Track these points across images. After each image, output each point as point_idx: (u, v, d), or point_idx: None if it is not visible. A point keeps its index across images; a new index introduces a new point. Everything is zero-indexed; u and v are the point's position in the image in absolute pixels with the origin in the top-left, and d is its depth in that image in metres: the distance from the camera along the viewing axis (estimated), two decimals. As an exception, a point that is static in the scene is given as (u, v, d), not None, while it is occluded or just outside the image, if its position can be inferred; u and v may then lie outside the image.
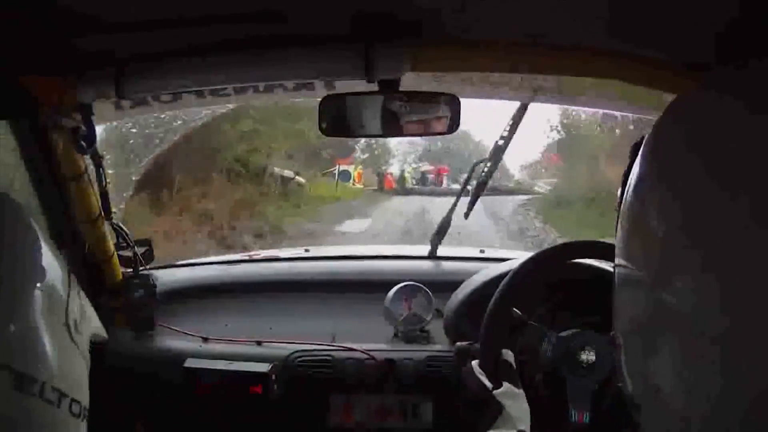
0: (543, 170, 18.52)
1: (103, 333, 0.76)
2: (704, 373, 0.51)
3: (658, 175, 0.57)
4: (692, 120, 0.57)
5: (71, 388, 0.64)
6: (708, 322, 0.50)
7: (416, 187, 18.02)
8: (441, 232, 1.96)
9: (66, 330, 0.66)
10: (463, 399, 1.36)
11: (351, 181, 15.79)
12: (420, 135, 1.27)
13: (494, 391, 1.18)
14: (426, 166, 19.53)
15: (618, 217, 0.62)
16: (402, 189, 17.20)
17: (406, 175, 18.67)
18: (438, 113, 1.21)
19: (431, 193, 15.49)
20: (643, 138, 0.63)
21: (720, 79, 0.60)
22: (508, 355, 1.26)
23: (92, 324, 0.74)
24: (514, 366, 1.24)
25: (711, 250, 0.49)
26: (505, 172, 17.04)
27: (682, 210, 0.53)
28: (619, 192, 0.69)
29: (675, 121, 0.59)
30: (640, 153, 0.60)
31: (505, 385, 1.20)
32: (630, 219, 0.59)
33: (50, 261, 0.68)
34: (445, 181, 18.78)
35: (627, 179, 0.62)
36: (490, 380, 1.22)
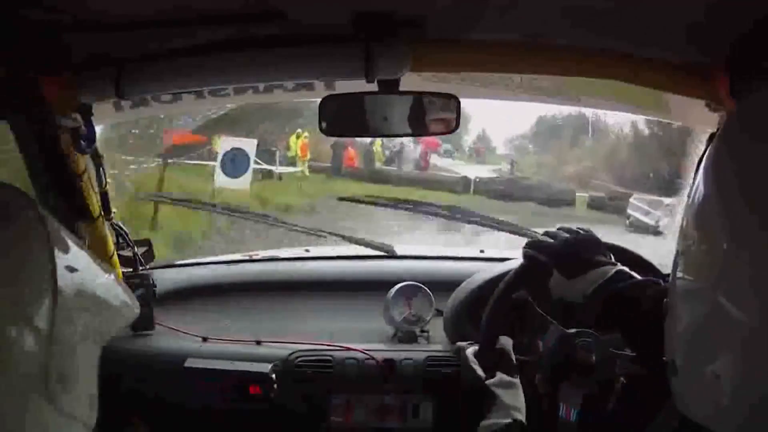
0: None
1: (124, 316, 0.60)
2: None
3: (723, 184, 0.58)
4: (758, 127, 0.58)
5: None
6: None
7: (392, 169, 12.45)
8: None
9: (45, 401, 0.49)
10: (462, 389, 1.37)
11: (285, 160, 9.97)
12: (420, 135, 1.27)
13: (488, 381, 1.18)
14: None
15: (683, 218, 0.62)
16: (369, 171, 11.74)
17: (377, 148, 12.39)
18: (438, 113, 1.21)
19: (423, 183, 11.03)
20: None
21: None
22: (507, 341, 1.25)
23: (101, 333, 0.57)
24: (512, 355, 1.23)
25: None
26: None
27: (747, 219, 0.54)
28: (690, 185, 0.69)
29: (738, 130, 0.60)
30: (703, 163, 0.60)
31: (499, 374, 1.19)
32: (693, 226, 0.60)
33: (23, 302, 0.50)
34: (434, 161, 13.52)
35: (698, 168, 0.62)
36: (483, 370, 1.22)
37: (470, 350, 1.27)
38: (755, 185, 0.54)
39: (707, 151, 0.61)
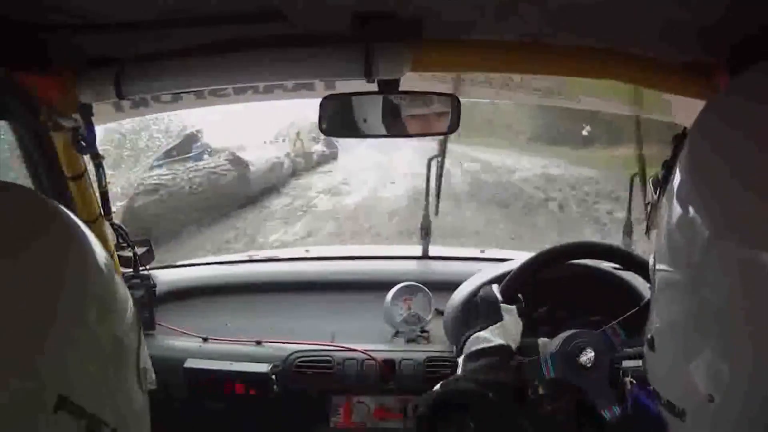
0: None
1: (153, 382, 0.73)
2: (750, 374, 0.52)
3: (700, 176, 0.58)
4: (731, 121, 0.59)
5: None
6: (750, 320, 0.51)
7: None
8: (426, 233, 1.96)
9: (136, 378, 0.64)
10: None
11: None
12: (420, 135, 1.27)
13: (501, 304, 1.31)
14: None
15: (649, 217, 0.64)
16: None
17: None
18: (438, 113, 1.21)
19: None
20: (685, 129, 0.65)
21: (755, 79, 0.61)
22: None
23: (151, 373, 0.72)
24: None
25: (754, 249, 0.51)
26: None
27: (724, 211, 0.54)
28: (652, 188, 0.71)
29: (714, 123, 0.61)
30: (680, 156, 0.61)
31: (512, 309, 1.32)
32: (671, 221, 0.60)
33: (123, 302, 0.63)
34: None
35: (669, 171, 0.63)
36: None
37: (495, 286, 1.38)
38: (730, 176, 0.55)
39: (686, 142, 0.62)
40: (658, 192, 0.72)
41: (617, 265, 1.52)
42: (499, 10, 0.96)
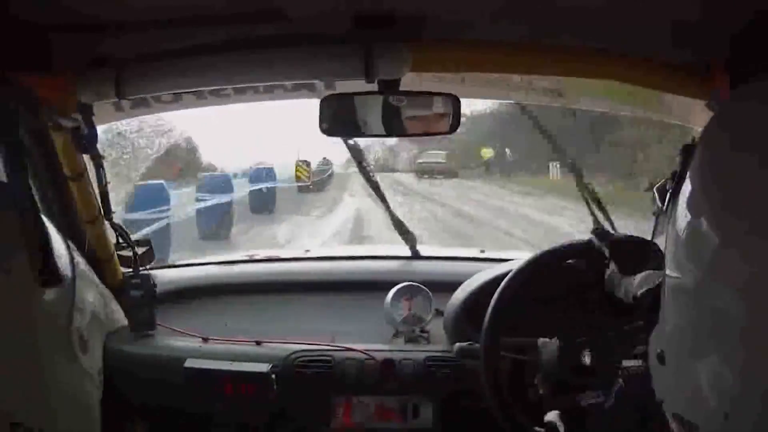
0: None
1: (122, 320, 0.72)
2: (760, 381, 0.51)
3: (711, 183, 0.58)
4: (742, 127, 0.59)
5: (79, 425, 0.62)
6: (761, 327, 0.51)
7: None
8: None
9: (72, 350, 0.64)
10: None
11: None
12: (420, 135, 1.27)
13: None
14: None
15: (656, 224, 0.64)
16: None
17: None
18: (438, 113, 1.21)
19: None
20: (694, 139, 0.64)
21: (761, 86, 0.61)
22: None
23: (107, 319, 0.71)
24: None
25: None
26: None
27: (735, 217, 0.54)
28: (657, 196, 0.70)
29: (724, 129, 0.61)
30: (691, 165, 0.61)
31: None
32: (683, 229, 0.60)
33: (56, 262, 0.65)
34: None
35: (680, 181, 0.62)
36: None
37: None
38: (741, 185, 0.55)
39: (696, 151, 0.62)
40: (666, 201, 0.71)
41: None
42: (499, 10, 0.97)
